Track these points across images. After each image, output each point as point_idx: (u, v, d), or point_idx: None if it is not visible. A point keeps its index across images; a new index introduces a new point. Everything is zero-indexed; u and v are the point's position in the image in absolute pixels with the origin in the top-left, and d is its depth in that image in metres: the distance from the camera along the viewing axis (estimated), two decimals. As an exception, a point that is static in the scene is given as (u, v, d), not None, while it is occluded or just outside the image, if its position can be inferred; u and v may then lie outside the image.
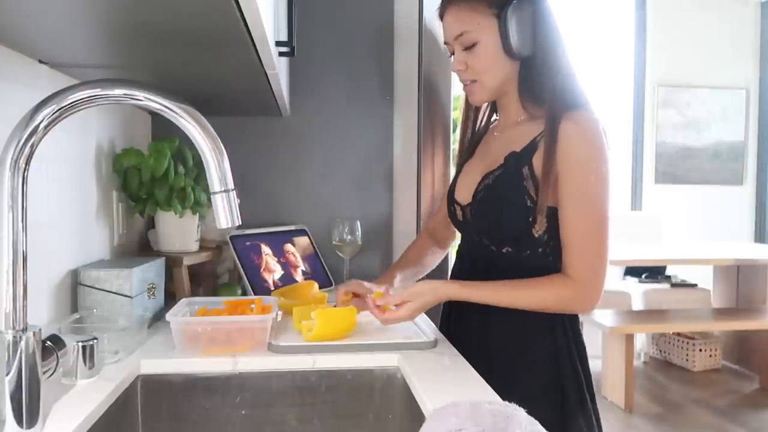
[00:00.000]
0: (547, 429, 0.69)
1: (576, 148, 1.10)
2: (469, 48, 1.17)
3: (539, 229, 1.15)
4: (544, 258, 1.16)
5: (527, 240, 1.16)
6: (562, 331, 1.16)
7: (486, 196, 1.19)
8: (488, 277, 1.19)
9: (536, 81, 1.17)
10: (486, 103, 1.33)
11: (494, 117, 1.36)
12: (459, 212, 1.28)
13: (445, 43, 1.23)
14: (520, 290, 1.13)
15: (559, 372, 1.15)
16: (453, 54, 1.22)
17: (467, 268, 1.27)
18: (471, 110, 1.36)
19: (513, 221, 1.15)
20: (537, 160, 1.13)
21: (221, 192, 0.80)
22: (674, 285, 4.53)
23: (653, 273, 4.63)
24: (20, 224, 0.70)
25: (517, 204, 1.14)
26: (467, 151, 1.35)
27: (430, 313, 1.34)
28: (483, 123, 1.37)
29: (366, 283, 1.27)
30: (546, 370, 1.15)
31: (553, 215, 1.13)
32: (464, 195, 1.26)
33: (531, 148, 1.15)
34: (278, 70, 1.15)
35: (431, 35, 1.95)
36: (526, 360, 1.16)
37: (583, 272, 1.10)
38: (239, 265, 1.60)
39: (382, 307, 1.17)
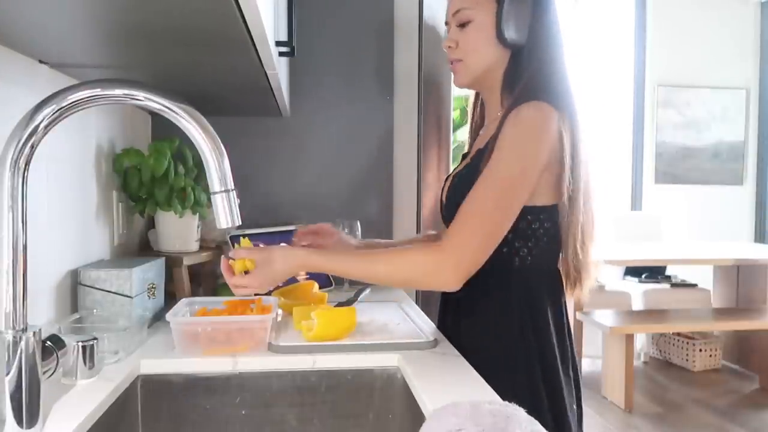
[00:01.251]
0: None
1: (508, 136, 1.05)
2: (463, 25, 1.16)
3: None
4: (509, 258, 1.11)
5: None
6: (531, 331, 1.10)
7: (451, 195, 1.19)
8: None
9: (519, 74, 1.14)
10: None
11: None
12: (443, 211, 1.28)
13: (446, 23, 1.21)
14: (376, 258, 1.07)
15: (522, 373, 1.09)
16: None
17: None
18: (477, 111, 1.33)
19: None
20: None
21: (221, 192, 0.80)
22: (674, 285, 4.52)
23: (653, 273, 4.63)
24: (20, 224, 0.70)
25: None
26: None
27: (430, 313, 1.34)
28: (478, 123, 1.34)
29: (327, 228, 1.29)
30: (514, 372, 1.09)
31: (520, 215, 1.07)
32: (444, 195, 1.27)
33: (491, 143, 1.11)
34: (278, 70, 1.15)
35: (431, 35, 1.95)
36: (495, 362, 1.08)
37: (454, 240, 1.02)
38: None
39: (233, 266, 1.08)
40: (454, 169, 1.31)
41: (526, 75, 1.12)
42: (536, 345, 1.10)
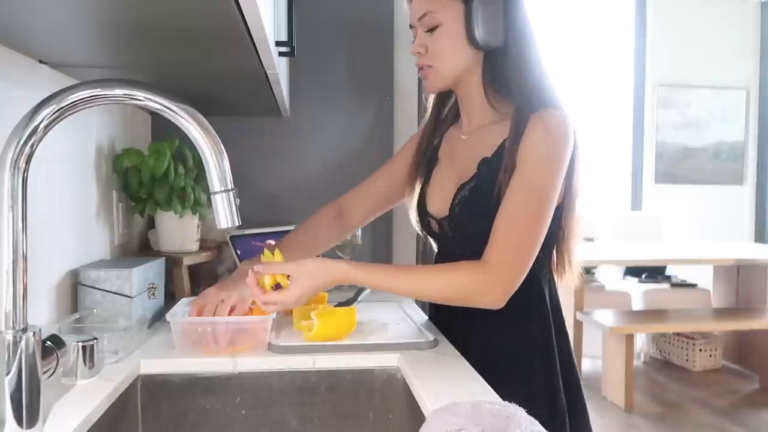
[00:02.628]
0: None
1: (534, 144, 1.04)
2: (430, 30, 1.11)
3: None
4: (535, 264, 1.09)
5: None
6: (543, 346, 1.11)
7: (464, 209, 1.14)
8: None
9: (502, 75, 1.11)
10: (447, 107, 1.27)
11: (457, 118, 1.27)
12: (435, 225, 1.21)
13: (411, 26, 1.16)
14: (421, 274, 1.06)
15: (534, 383, 1.10)
16: (415, 38, 1.16)
17: None
18: (440, 107, 1.28)
19: None
20: None
21: (221, 192, 0.80)
22: (674, 285, 4.53)
23: (653, 273, 4.63)
24: (20, 224, 0.70)
25: (495, 214, 1.07)
26: (431, 158, 1.27)
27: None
28: (444, 125, 1.28)
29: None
30: (522, 383, 1.10)
31: None
32: (439, 207, 1.19)
33: (502, 151, 1.10)
34: (278, 70, 1.15)
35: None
36: (504, 373, 1.08)
37: (497, 258, 1.02)
38: (239, 265, 1.60)
39: (262, 284, 1.05)
40: (430, 176, 1.24)
41: (509, 74, 1.10)
42: (554, 341, 1.12)
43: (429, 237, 1.27)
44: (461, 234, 1.16)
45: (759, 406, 3.74)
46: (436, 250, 1.27)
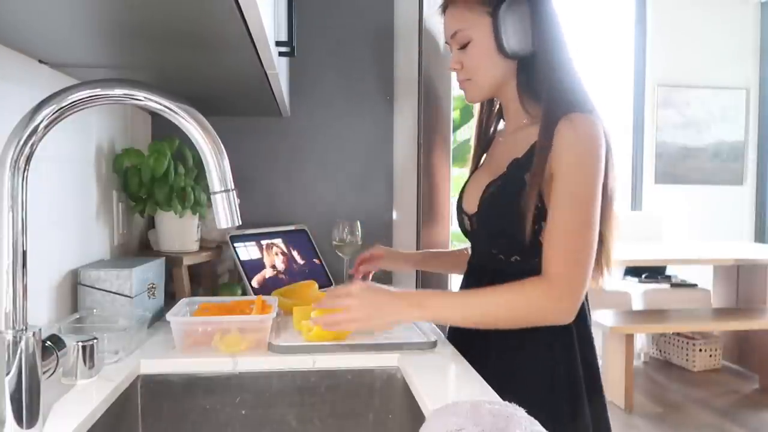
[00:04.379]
0: None
1: (569, 151, 1.06)
2: (463, 47, 1.16)
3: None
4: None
5: (536, 248, 1.11)
6: (562, 347, 1.12)
7: (490, 205, 1.17)
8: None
9: (535, 81, 1.14)
10: (496, 107, 1.31)
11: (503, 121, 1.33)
12: (467, 222, 1.25)
13: (446, 42, 1.22)
14: (494, 303, 1.07)
15: (554, 391, 1.10)
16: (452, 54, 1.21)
17: (474, 280, 1.24)
18: (483, 115, 1.32)
19: (519, 230, 1.11)
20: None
21: (221, 192, 0.80)
22: (674, 285, 4.52)
23: (653, 273, 4.63)
24: (20, 224, 0.70)
25: (521, 213, 1.10)
26: (478, 158, 1.33)
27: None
28: (493, 129, 1.33)
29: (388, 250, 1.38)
30: (541, 389, 1.10)
31: None
32: (471, 204, 1.23)
33: (531, 153, 1.12)
34: (278, 70, 1.15)
35: (431, 35, 1.95)
36: (522, 377, 1.11)
37: (558, 274, 1.04)
38: (239, 265, 1.60)
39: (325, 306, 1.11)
40: (470, 176, 1.30)
41: (541, 79, 1.12)
42: (564, 363, 1.13)
43: (464, 234, 1.30)
44: (487, 231, 1.20)
45: (759, 406, 3.74)
46: (469, 250, 1.32)
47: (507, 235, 1.15)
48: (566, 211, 1.06)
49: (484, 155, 1.32)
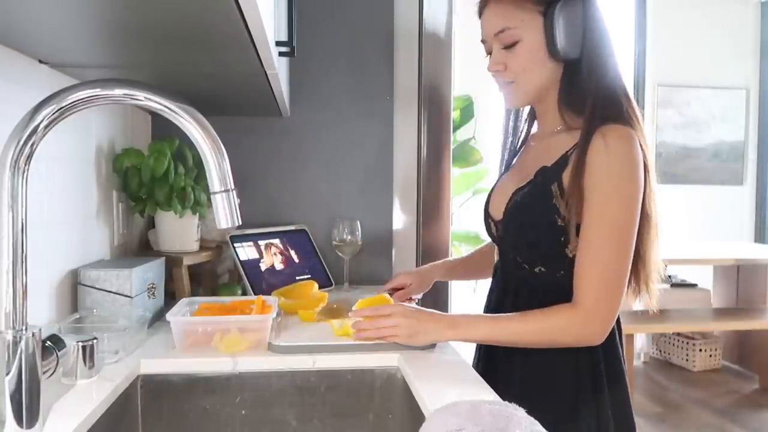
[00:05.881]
0: None
1: (600, 166, 1.02)
2: (509, 46, 1.09)
3: (573, 249, 1.07)
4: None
5: (560, 260, 1.09)
6: (588, 367, 1.09)
7: (515, 213, 1.14)
8: (520, 297, 1.15)
9: (579, 87, 1.09)
10: (527, 111, 1.27)
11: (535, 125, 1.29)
12: (493, 228, 1.22)
13: (482, 41, 1.14)
14: (525, 329, 1.06)
15: (578, 414, 1.08)
16: (489, 53, 1.13)
17: (501, 287, 1.22)
18: (511, 118, 1.29)
19: (543, 241, 1.09)
20: (566, 177, 1.06)
21: (221, 192, 0.80)
22: (674, 285, 4.52)
23: (653, 273, 4.63)
24: (20, 224, 0.70)
25: (546, 223, 1.08)
26: (508, 162, 1.30)
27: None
28: (524, 132, 1.29)
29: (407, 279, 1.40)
30: (565, 411, 1.08)
31: None
32: (497, 210, 1.20)
33: (562, 163, 1.08)
34: (278, 70, 1.15)
35: (431, 35, 1.95)
36: (545, 398, 1.08)
37: (589, 300, 1.02)
38: (239, 265, 1.60)
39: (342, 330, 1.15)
40: (498, 180, 1.28)
41: (586, 86, 1.08)
42: (589, 385, 1.10)
43: (492, 240, 1.28)
44: (511, 238, 1.17)
45: (759, 406, 3.74)
46: (497, 256, 1.28)
47: (530, 245, 1.12)
48: (600, 236, 1.03)
49: (516, 159, 1.28)
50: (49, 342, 0.79)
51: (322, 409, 1.08)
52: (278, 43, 1.15)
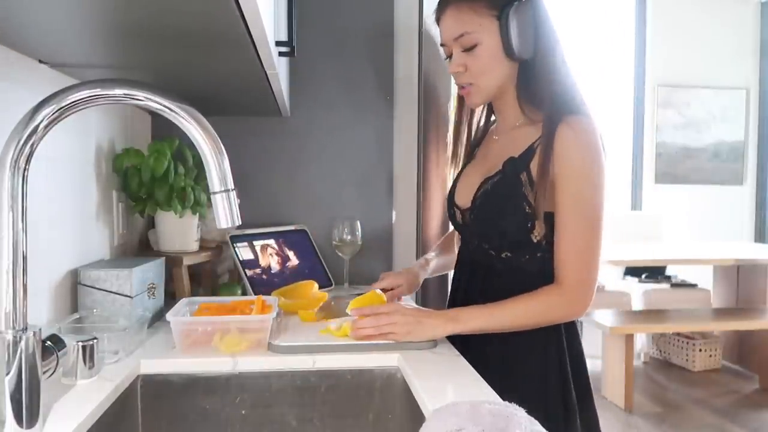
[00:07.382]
0: None
1: (571, 155, 1.11)
2: (468, 49, 1.16)
3: (538, 235, 1.15)
4: (543, 263, 1.16)
5: (526, 245, 1.17)
6: (555, 347, 1.17)
7: (484, 202, 1.20)
8: (487, 282, 1.21)
9: (535, 84, 1.17)
10: (481, 106, 1.33)
11: (492, 118, 1.36)
12: (459, 215, 1.28)
13: (442, 44, 1.22)
14: (518, 313, 1.13)
15: (547, 389, 1.15)
16: (450, 56, 1.20)
17: (467, 272, 1.28)
18: (464, 113, 1.35)
19: (511, 227, 1.16)
20: (535, 166, 1.14)
21: (221, 192, 0.80)
22: (674, 285, 4.52)
23: (653, 273, 4.63)
24: (20, 224, 0.70)
25: (515, 210, 1.15)
26: (468, 155, 1.35)
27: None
28: (481, 125, 1.36)
29: (397, 279, 1.37)
30: (534, 385, 1.15)
31: (551, 220, 1.14)
32: (464, 199, 1.26)
33: (529, 153, 1.15)
34: (278, 70, 1.15)
35: (431, 36, 1.95)
36: (517, 373, 1.16)
37: (570, 280, 1.11)
38: (239, 265, 1.60)
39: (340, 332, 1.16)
40: (462, 170, 1.33)
41: (541, 83, 1.16)
42: (556, 360, 1.17)
43: (455, 227, 1.34)
44: (480, 227, 1.23)
45: (759, 406, 3.74)
46: (459, 243, 1.36)
47: (499, 232, 1.18)
48: (576, 221, 1.11)
49: (477, 151, 1.34)
50: (49, 342, 0.79)
51: (321, 409, 1.09)
52: (278, 43, 1.15)
